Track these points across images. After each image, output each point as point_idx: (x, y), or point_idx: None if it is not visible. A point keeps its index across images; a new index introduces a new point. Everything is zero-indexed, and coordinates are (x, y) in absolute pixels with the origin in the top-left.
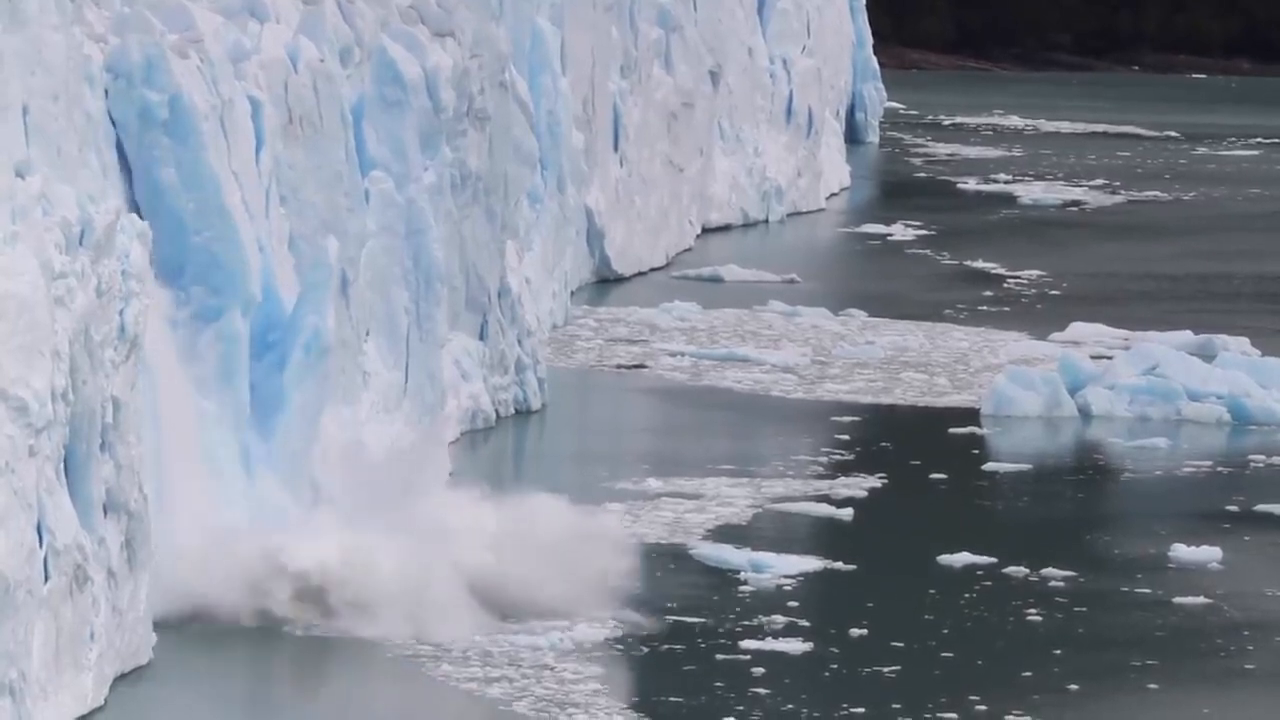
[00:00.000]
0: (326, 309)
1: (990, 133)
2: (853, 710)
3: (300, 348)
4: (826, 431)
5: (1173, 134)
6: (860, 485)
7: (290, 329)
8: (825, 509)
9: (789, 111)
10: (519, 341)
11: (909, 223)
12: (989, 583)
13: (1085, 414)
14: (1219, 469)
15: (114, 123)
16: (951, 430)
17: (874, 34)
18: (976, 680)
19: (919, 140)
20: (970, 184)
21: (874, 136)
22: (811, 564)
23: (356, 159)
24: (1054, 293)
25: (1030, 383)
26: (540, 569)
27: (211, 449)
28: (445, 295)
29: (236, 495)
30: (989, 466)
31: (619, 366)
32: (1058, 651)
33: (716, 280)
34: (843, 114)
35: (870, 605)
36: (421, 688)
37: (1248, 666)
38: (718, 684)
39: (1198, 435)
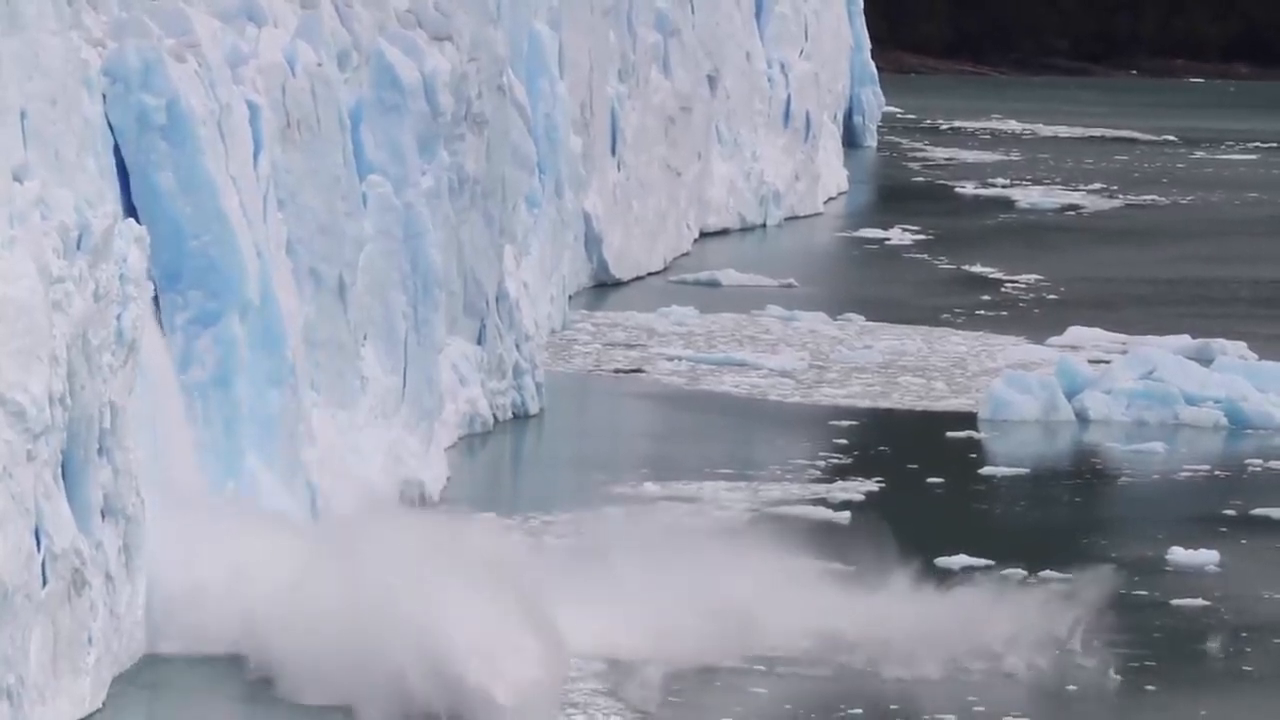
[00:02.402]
0: None
1: (988, 137)
2: (851, 711)
3: None
4: (824, 435)
5: (1170, 138)
6: (858, 489)
7: None
8: (823, 512)
9: (786, 115)
10: (517, 346)
11: (906, 227)
12: (986, 585)
13: (1082, 418)
14: (1216, 473)
15: (111, 127)
16: (949, 434)
17: (872, 38)
18: (974, 682)
19: (917, 144)
20: (968, 188)
21: (872, 141)
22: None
23: (354, 163)
24: (1051, 297)
25: (1028, 387)
26: None
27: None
28: (443, 300)
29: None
30: (986, 470)
31: (616, 371)
32: (1055, 652)
33: (714, 285)
34: (840, 118)
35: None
36: None
37: (1245, 669)
38: (716, 684)
39: (1195, 439)
